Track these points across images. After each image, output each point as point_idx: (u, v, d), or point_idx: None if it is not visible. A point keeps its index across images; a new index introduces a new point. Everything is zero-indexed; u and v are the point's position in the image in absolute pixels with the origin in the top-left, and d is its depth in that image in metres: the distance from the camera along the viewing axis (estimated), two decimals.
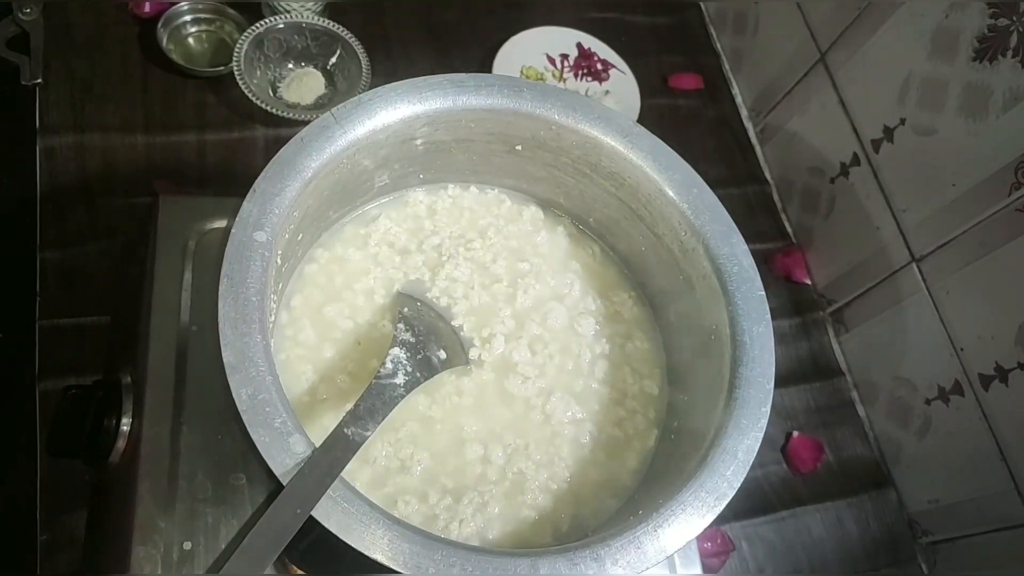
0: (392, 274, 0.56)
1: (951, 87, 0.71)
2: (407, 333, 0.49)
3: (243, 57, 0.79)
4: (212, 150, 0.80)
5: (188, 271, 0.56)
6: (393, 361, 0.46)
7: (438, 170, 0.58)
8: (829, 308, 0.90)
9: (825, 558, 0.78)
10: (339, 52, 0.85)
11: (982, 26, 0.67)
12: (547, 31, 0.97)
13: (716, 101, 1.02)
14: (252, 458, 0.49)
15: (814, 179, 0.91)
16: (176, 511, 0.48)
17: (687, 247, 0.53)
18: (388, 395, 0.44)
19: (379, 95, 0.50)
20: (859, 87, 0.83)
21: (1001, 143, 0.66)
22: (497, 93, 0.52)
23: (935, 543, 0.80)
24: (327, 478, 0.38)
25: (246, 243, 0.43)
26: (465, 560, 0.38)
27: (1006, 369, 0.69)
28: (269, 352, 0.41)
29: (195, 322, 0.54)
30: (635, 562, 0.40)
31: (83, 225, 0.72)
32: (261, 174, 0.45)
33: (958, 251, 0.72)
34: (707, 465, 0.44)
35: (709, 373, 0.51)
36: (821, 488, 0.81)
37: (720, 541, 0.74)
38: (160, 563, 0.46)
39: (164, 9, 0.83)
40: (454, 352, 0.52)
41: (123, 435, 0.52)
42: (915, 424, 0.79)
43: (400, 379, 0.46)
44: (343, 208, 0.56)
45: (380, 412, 0.43)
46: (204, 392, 0.52)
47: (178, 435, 0.50)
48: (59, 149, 0.75)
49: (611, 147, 0.54)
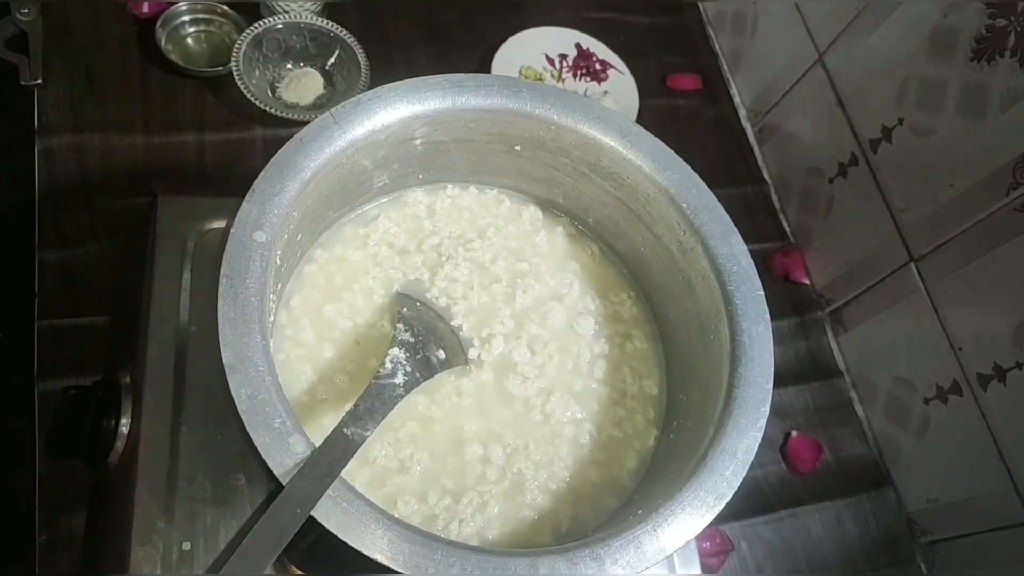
0: (391, 274, 0.56)
1: (949, 87, 0.71)
2: (406, 333, 0.49)
3: (242, 57, 0.79)
4: (211, 150, 0.80)
5: (187, 271, 0.56)
6: (392, 361, 0.46)
7: (437, 170, 0.58)
8: (828, 308, 0.90)
9: (824, 558, 0.78)
10: (338, 52, 0.85)
11: (980, 26, 0.67)
12: (546, 31, 0.97)
13: (715, 101, 1.02)
14: (251, 458, 0.49)
15: (812, 179, 0.91)
16: (175, 511, 0.48)
17: (686, 247, 0.53)
18: (387, 395, 0.44)
19: (378, 95, 0.50)
20: (857, 87, 0.83)
21: (999, 143, 0.66)
22: (496, 93, 0.52)
23: (934, 542, 0.80)
24: (327, 478, 0.38)
25: (245, 243, 0.43)
26: (464, 560, 0.38)
27: (1004, 369, 0.69)
28: (268, 352, 0.41)
29: (194, 322, 0.54)
30: (634, 562, 0.40)
31: (82, 225, 0.72)
32: (260, 174, 0.45)
33: (956, 251, 0.72)
34: (706, 465, 0.44)
35: (708, 373, 0.51)
36: (820, 488, 0.81)
37: (719, 541, 0.74)
38: (159, 563, 0.46)
39: (163, 9, 0.83)
40: (453, 352, 0.52)
41: (122, 435, 0.52)
42: (914, 424, 0.79)
43: (399, 379, 0.46)
44: (342, 208, 0.56)
45: (379, 412, 0.43)
46: (203, 392, 0.52)
47: (177, 435, 0.50)
48: (58, 149, 0.75)
49: (610, 147, 0.54)
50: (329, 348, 0.52)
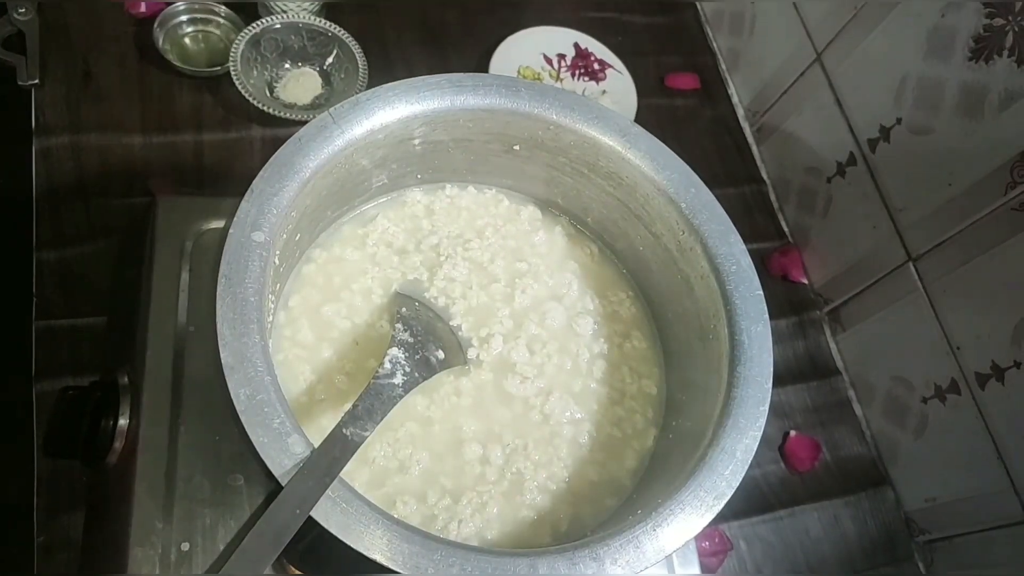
0: (390, 274, 0.55)
1: (947, 87, 0.71)
2: (405, 333, 0.49)
3: (240, 57, 0.79)
4: (209, 150, 0.80)
5: (185, 271, 0.56)
6: (391, 361, 0.46)
7: (436, 170, 0.58)
8: (826, 307, 0.90)
9: (823, 557, 0.78)
10: (336, 52, 0.85)
11: (978, 26, 0.67)
12: (544, 31, 0.97)
13: (713, 101, 1.02)
14: (250, 458, 0.49)
15: (811, 178, 0.91)
16: (174, 512, 0.48)
17: (685, 246, 0.53)
18: (386, 395, 0.44)
19: (376, 95, 0.50)
20: (855, 87, 0.83)
21: (997, 142, 0.66)
22: (495, 93, 0.52)
23: (932, 541, 0.80)
24: (326, 478, 0.38)
25: (244, 243, 0.43)
26: (464, 560, 0.38)
27: (1002, 368, 0.69)
28: (267, 352, 0.41)
29: (192, 323, 0.54)
30: (634, 561, 0.40)
31: (80, 226, 0.72)
32: (259, 174, 0.45)
33: (954, 250, 0.72)
34: (705, 464, 0.44)
35: (707, 372, 0.51)
36: (819, 487, 0.81)
37: (718, 540, 0.74)
38: (158, 564, 0.46)
39: (160, 9, 0.82)
40: (452, 352, 0.51)
41: (120, 436, 0.51)
42: (912, 423, 0.79)
43: (399, 379, 0.45)
44: (341, 208, 0.56)
45: (379, 412, 0.43)
46: (201, 393, 0.52)
47: (176, 436, 0.50)
48: (55, 149, 0.75)
49: (609, 147, 0.54)
50: (327, 348, 0.52)
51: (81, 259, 0.70)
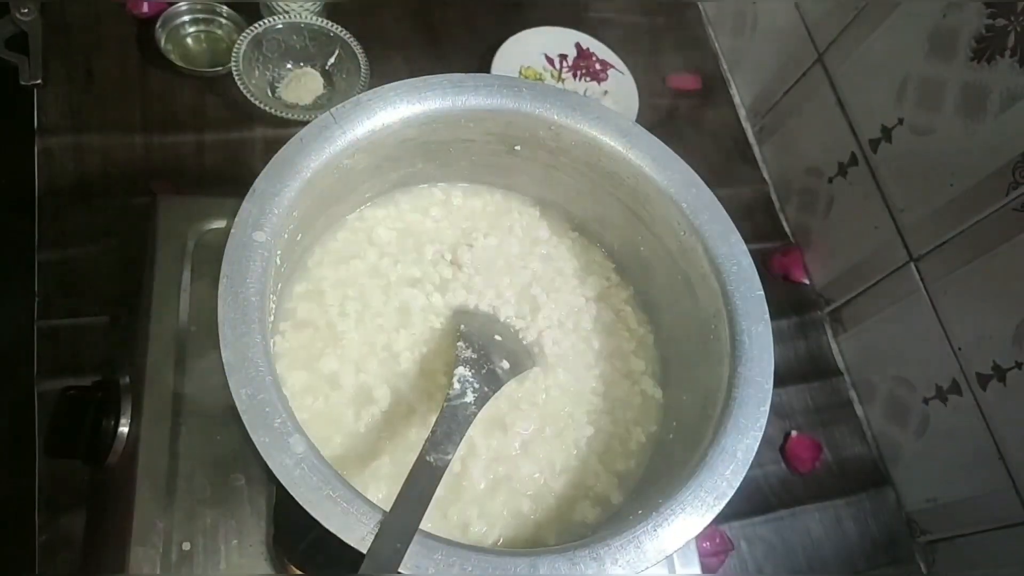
0: (390, 274, 0.55)
1: (949, 87, 0.71)
2: (468, 351, 0.49)
3: (241, 57, 0.79)
4: (211, 150, 0.80)
5: (187, 271, 0.56)
6: (460, 381, 0.46)
7: (437, 170, 0.58)
8: (827, 308, 0.90)
9: (824, 557, 0.78)
10: (337, 52, 0.85)
11: (980, 26, 0.67)
12: (546, 31, 0.97)
13: (714, 101, 1.02)
14: (251, 458, 0.49)
15: (812, 179, 0.91)
16: (175, 512, 0.48)
17: (686, 247, 0.53)
18: (461, 415, 0.44)
19: (378, 95, 0.50)
20: (857, 87, 0.83)
21: (999, 143, 0.66)
22: (496, 93, 0.52)
23: (933, 542, 0.80)
24: (419, 507, 0.38)
25: (245, 243, 0.43)
26: (465, 560, 0.38)
27: (1004, 368, 0.69)
28: (268, 352, 0.41)
29: (194, 322, 0.54)
30: (634, 561, 0.40)
31: (81, 226, 0.72)
32: (260, 174, 0.45)
33: (956, 250, 0.72)
34: (706, 464, 0.44)
35: (708, 373, 0.51)
36: (820, 488, 0.81)
37: (719, 541, 0.74)
38: (159, 564, 0.46)
39: (162, 9, 0.83)
40: (517, 360, 0.51)
41: (121, 436, 0.52)
42: (913, 423, 0.79)
43: (470, 397, 0.45)
44: (343, 208, 0.56)
45: (457, 434, 0.43)
46: (203, 393, 0.52)
47: (177, 436, 0.50)
48: (57, 149, 0.75)
49: (610, 147, 0.54)
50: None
51: (83, 259, 0.70)
